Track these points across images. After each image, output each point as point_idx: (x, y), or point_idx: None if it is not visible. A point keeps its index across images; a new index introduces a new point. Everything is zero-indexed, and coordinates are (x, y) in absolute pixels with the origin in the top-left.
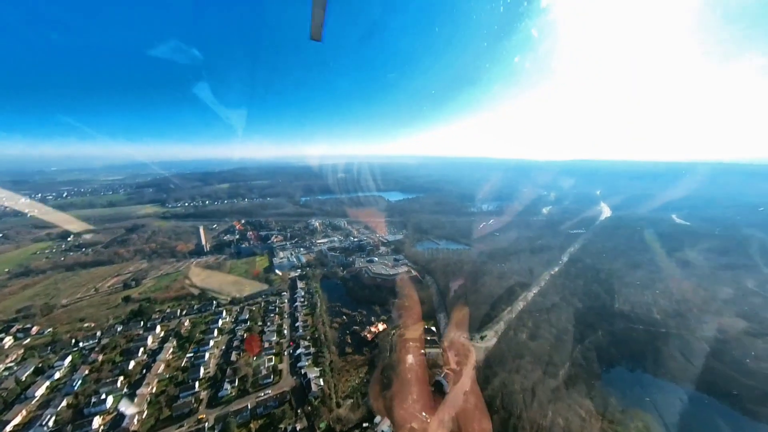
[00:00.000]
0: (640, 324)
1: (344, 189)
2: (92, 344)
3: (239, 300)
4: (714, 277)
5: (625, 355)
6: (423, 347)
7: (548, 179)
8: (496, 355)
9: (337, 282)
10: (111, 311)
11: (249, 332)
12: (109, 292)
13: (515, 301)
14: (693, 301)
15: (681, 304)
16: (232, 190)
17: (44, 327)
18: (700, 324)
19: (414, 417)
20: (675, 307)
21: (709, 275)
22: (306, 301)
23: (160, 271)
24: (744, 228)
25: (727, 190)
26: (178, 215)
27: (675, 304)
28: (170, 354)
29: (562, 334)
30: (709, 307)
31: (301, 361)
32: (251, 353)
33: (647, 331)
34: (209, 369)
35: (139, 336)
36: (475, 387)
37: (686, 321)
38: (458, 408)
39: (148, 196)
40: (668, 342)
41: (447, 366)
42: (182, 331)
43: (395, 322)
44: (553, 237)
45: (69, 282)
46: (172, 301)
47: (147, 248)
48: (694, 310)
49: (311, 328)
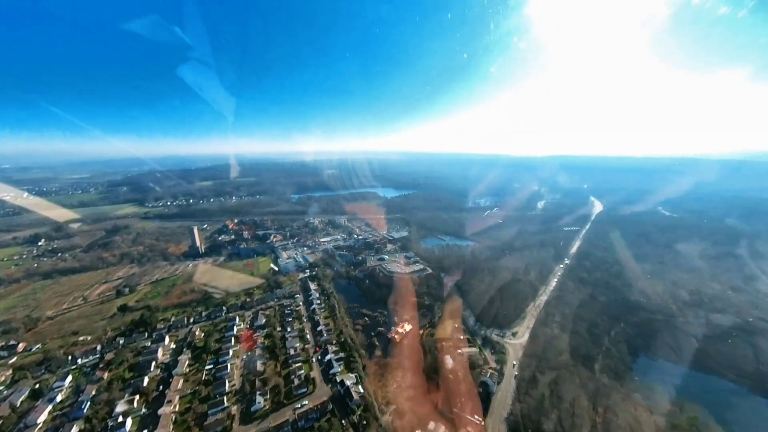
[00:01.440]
0: (660, 314)
1: (335, 186)
2: (93, 360)
3: (251, 304)
4: (716, 266)
5: (650, 345)
6: (458, 347)
7: (534, 175)
8: (533, 351)
9: (349, 282)
10: (107, 322)
11: (269, 338)
12: (100, 300)
13: (536, 296)
14: (704, 292)
15: (693, 294)
16: (216, 188)
17: (31, 343)
18: (716, 313)
19: (467, 421)
20: (688, 297)
21: (711, 265)
22: (323, 303)
23: (154, 275)
24: (727, 219)
25: (703, 183)
26: (162, 215)
27: (688, 294)
28: (187, 367)
29: (591, 327)
30: (720, 296)
31: (333, 368)
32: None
33: (667, 321)
34: (234, 381)
35: (147, 348)
36: (521, 385)
37: (702, 310)
38: (510, 408)
39: (124, 195)
40: (688, 331)
41: (487, 365)
42: (196, 341)
43: (421, 322)
44: (554, 231)
45: (49, 291)
46: (175, 308)
47: (134, 251)
48: (706, 300)
49: (335, 332)
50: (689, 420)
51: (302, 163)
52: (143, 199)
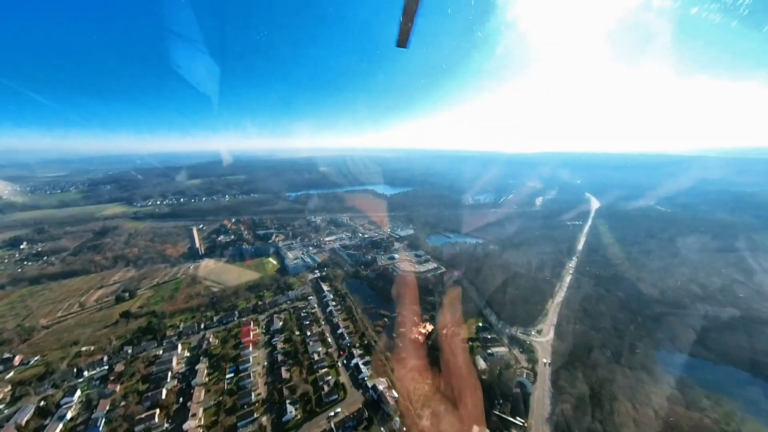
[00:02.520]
0: (675, 308)
1: (331, 183)
2: (101, 372)
3: (263, 307)
4: (719, 259)
5: (671, 339)
6: (484, 346)
7: (528, 171)
8: (561, 349)
9: (361, 282)
10: (110, 330)
11: (289, 343)
12: (98, 307)
13: (554, 293)
14: (713, 285)
15: (704, 288)
16: (207, 187)
17: (29, 355)
18: (727, 306)
19: (510, 423)
20: (699, 291)
21: (714, 258)
22: (338, 305)
23: (154, 279)
24: (717, 213)
25: (689, 179)
26: (153, 215)
27: (699, 288)
28: (206, 376)
29: (614, 323)
30: (728, 289)
31: (361, 372)
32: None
33: (683, 315)
34: (259, 390)
35: (158, 358)
36: (557, 384)
37: (714, 304)
38: (549, 408)
39: (108, 194)
40: (706, 325)
41: (519, 365)
42: (211, 348)
43: (442, 322)
44: (558, 228)
45: (39, 298)
46: (182, 313)
47: (129, 253)
48: (717, 293)
49: (357, 334)
50: (726, 415)
51: (293, 160)
52: (130, 198)
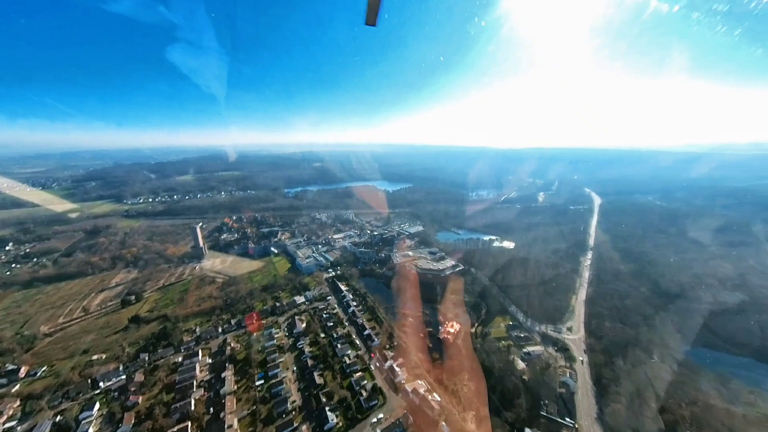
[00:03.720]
0: (696, 302)
1: (329, 179)
2: (118, 382)
3: (281, 309)
4: (729, 252)
5: (700, 333)
6: (518, 346)
7: (522, 167)
8: (596, 346)
9: (377, 281)
10: (120, 336)
11: (316, 346)
12: (103, 311)
13: (576, 289)
14: (736, 280)
15: (724, 282)
16: (200, 183)
17: (35, 366)
18: (745, 298)
19: (560, 425)
20: (717, 284)
21: (725, 251)
22: (359, 305)
23: (159, 281)
24: (717, 208)
25: (683, 175)
26: (147, 213)
27: (717, 282)
28: (235, 384)
29: (644, 319)
30: (746, 282)
31: (397, 376)
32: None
33: (709, 309)
34: (293, 397)
35: (180, 365)
36: (600, 383)
37: (734, 298)
38: (595, 407)
39: (94, 191)
40: (729, 319)
41: (557, 363)
42: (236, 353)
43: (469, 320)
44: (565, 223)
45: (36, 303)
46: (196, 316)
47: (127, 254)
48: (736, 291)
49: (384, 335)
50: None
51: (286, 156)
52: (120, 196)
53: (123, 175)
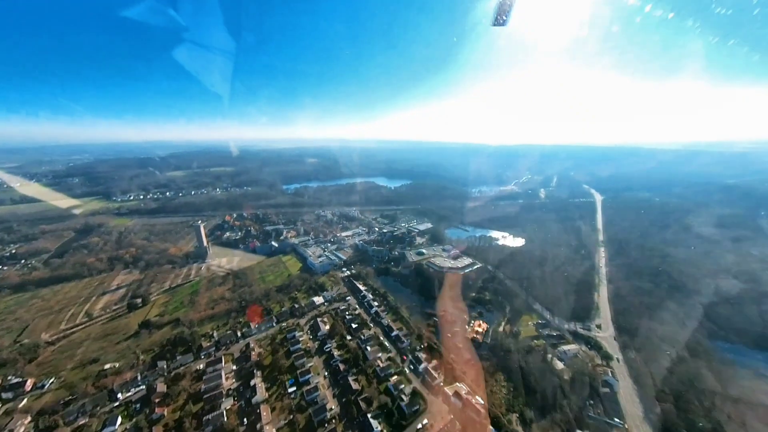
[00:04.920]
0: (717, 298)
1: (328, 175)
2: (138, 393)
3: (301, 311)
4: (738, 249)
5: (723, 329)
6: (552, 345)
7: (519, 163)
8: (630, 344)
9: (394, 279)
10: (131, 343)
11: (344, 349)
12: (108, 316)
13: (596, 286)
14: (747, 273)
15: (738, 276)
16: (192, 179)
17: (41, 378)
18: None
19: (609, 426)
20: (737, 280)
21: (732, 247)
22: (381, 305)
23: (164, 283)
24: (714, 204)
25: (676, 171)
26: (140, 211)
27: (733, 277)
28: (266, 391)
29: (673, 317)
30: (761, 277)
31: (435, 379)
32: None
33: (732, 305)
34: (330, 404)
35: (203, 373)
36: (641, 381)
37: (753, 293)
38: (641, 407)
39: (78, 187)
40: (751, 313)
41: (593, 362)
42: (262, 359)
43: (493, 319)
44: (571, 219)
45: (31, 308)
46: (211, 320)
47: (126, 255)
48: (750, 282)
49: (413, 336)
50: None
51: (280, 151)
52: (108, 193)
53: (108, 170)
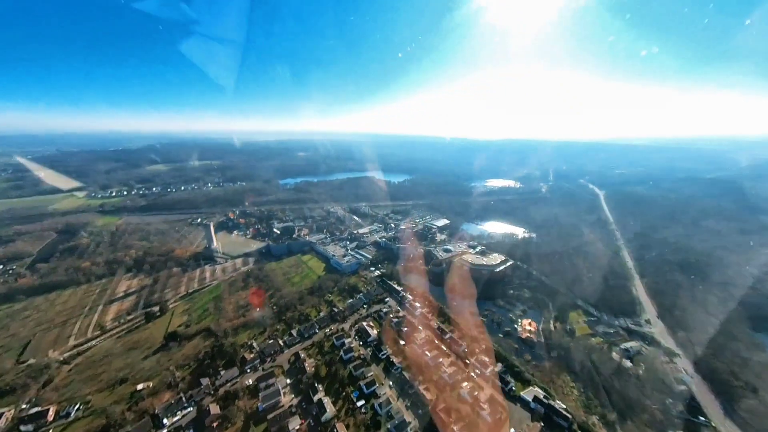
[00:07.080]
0: (752, 291)
1: (326, 169)
2: (188, 415)
3: (342, 315)
4: (747, 241)
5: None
6: (610, 342)
7: (507, 157)
8: (686, 339)
9: (426, 279)
10: (160, 358)
11: (400, 355)
12: (125, 328)
13: (631, 279)
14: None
15: (760, 268)
16: (178, 174)
17: (63, 405)
18: None
19: (698, 426)
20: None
21: (742, 240)
22: (422, 306)
23: (179, 288)
24: (705, 198)
25: (654, 165)
26: (127, 208)
27: (757, 269)
28: (335, 406)
29: (716, 309)
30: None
31: (508, 384)
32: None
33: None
34: (407, 417)
35: (255, 389)
36: (711, 378)
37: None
38: (719, 404)
39: (43, 183)
40: None
41: (658, 359)
42: (320, 371)
43: (539, 316)
44: (581, 213)
45: (28, 320)
46: (245, 328)
47: (125, 257)
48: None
49: (467, 338)
50: None
51: (265, 144)
52: (82, 189)
53: (79, 163)
